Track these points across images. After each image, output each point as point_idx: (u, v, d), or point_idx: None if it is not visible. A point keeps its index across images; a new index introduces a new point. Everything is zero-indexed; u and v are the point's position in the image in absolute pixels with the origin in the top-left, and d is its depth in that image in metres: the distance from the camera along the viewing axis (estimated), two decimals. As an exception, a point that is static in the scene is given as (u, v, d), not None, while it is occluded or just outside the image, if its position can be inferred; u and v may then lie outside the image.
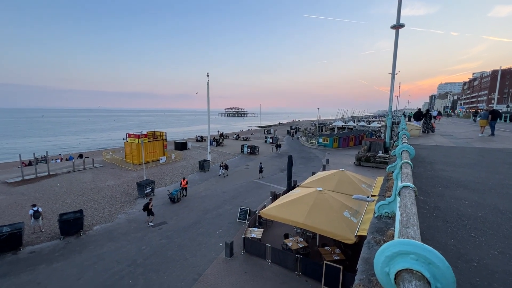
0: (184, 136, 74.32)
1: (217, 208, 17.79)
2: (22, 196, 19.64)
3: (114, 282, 10.13)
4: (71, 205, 18.01)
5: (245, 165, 31.88)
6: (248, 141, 53.91)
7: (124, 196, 19.93)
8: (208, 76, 30.50)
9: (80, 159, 33.27)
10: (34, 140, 68.80)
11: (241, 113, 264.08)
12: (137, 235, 14.07)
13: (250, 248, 11.99)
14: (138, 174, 25.76)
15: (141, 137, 29.42)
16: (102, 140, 71.58)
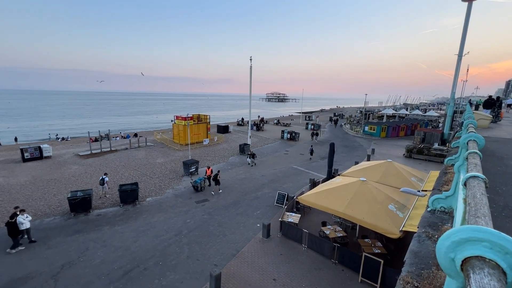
0: (226, 119, 76.67)
1: (255, 191, 18.29)
2: (90, 167, 22.82)
3: (163, 248, 11.35)
4: (128, 177, 20.35)
5: (284, 150, 31.80)
6: (289, 127, 53.30)
7: (172, 173, 21.71)
8: (251, 60, 30.47)
9: (135, 137, 36.97)
10: (100, 120, 78.42)
11: (282, 98, 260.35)
12: (182, 209, 15.36)
13: (287, 231, 12.17)
14: (184, 154, 27.67)
15: (187, 119, 31.27)
16: (153, 121, 78.15)
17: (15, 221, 10.85)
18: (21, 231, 11.05)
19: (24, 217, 11.22)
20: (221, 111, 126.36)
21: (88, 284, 9.13)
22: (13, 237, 10.82)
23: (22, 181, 19.18)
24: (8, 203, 15.50)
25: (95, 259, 10.54)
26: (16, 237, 10.87)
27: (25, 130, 55.39)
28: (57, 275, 9.55)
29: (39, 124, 65.49)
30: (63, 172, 21.48)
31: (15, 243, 10.90)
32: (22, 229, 11.07)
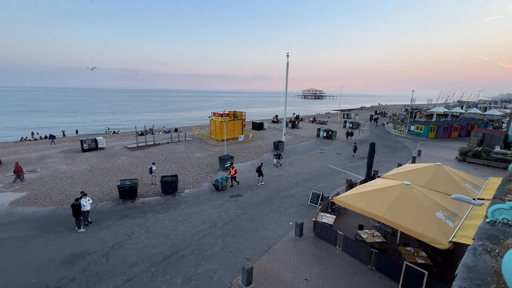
0: (261, 116, 77.11)
1: (289, 189, 18.15)
2: (136, 159, 24.91)
3: (199, 238, 11.93)
4: (169, 169, 21.74)
5: (320, 149, 30.91)
6: (325, 124, 51.62)
7: (208, 167, 22.62)
8: (288, 56, 30.07)
9: (176, 132, 39.26)
10: (145, 115, 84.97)
11: (319, 95, 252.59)
12: (218, 202, 15.94)
13: (320, 232, 11.87)
14: (220, 149, 28.59)
15: (223, 116, 32.18)
16: (192, 117, 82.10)
17: (79, 203, 12.38)
18: (82, 212, 12.56)
19: (86, 200, 12.74)
20: (256, 108, 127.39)
21: (133, 265, 10.03)
22: (76, 218, 12.36)
23: (81, 168, 21.76)
24: (70, 187, 17.75)
25: (139, 242, 11.53)
26: (78, 218, 12.40)
27: (84, 124, 62.52)
28: (108, 254, 10.67)
29: (96, 119, 73.40)
30: (114, 162, 23.81)
31: (78, 223, 12.44)
32: (83, 211, 12.58)
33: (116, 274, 9.50)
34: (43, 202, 15.43)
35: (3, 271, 9.59)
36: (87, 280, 9.18)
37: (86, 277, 9.31)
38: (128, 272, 9.65)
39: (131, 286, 8.94)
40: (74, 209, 12.25)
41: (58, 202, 15.54)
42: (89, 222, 13.04)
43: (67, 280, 9.15)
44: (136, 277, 9.39)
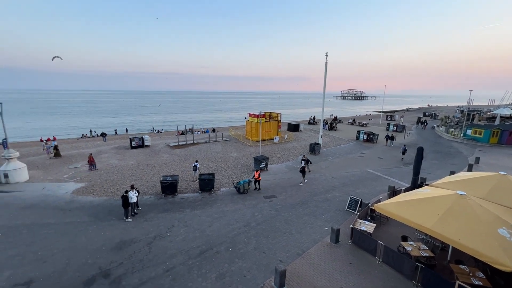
0: (297, 118, 76.05)
1: (325, 193, 17.56)
2: (177, 157, 26.47)
3: (233, 236, 12.20)
4: (206, 168, 22.67)
5: (359, 153, 29.34)
6: (366, 127, 48.88)
7: (244, 167, 23.02)
8: (327, 56, 29.16)
9: (213, 132, 40.78)
10: (186, 116, 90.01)
11: (360, 96, 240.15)
12: (252, 202, 16.12)
13: (358, 240, 11.24)
14: (255, 150, 28.90)
15: (259, 117, 32.48)
16: (229, 117, 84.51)
17: (127, 195, 13.62)
18: (130, 203, 13.78)
19: (133, 192, 13.96)
20: (292, 109, 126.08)
21: (172, 256, 10.66)
22: (125, 208, 13.61)
23: (130, 164, 23.87)
24: (120, 180, 19.58)
25: (178, 235, 12.21)
26: (126, 208, 13.64)
27: (133, 123, 68.48)
28: (151, 244, 11.51)
29: (142, 118, 79.97)
30: (157, 159, 25.64)
31: (126, 213, 13.68)
32: (131, 202, 13.80)
33: (157, 263, 10.20)
34: (98, 193, 17.29)
35: (67, 250, 10.97)
36: (132, 266, 10.02)
37: (132, 263, 10.16)
38: (168, 262, 10.28)
39: (170, 276, 9.51)
40: (123, 200, 13.48)
41: (110, 193, 17.27)
42: (135, 213, 14.23)
43: (116, 264, 10.09)
44: (174, 267, 9.96)
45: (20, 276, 9.41)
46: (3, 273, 9.51)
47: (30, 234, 12.16)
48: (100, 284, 9.05)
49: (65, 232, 12.44)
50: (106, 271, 9.70)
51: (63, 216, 13.99)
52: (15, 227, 12.73)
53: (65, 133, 51.93)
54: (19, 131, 52.53)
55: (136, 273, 9.64)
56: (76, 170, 21.75)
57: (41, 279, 9.28)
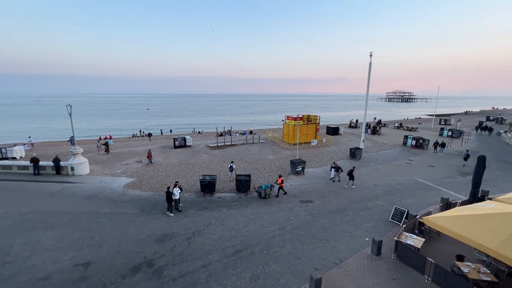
0: (336, 121, 73.20)
1: (366, 201, 16.52)
2: (216, 157, 27.48)
3: (268, 238, 12.18)
4: (243, 169, 23.09)
5: (406, 159, 27.00)
6: (414, 131, 44.87)
7: (280, 170, 22.89)
8: (371, 56, 27.53)
9: (250, 134, 41.42)
10: (224, 117, 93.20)
11: (408, 97, 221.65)
12: (287, 205, 15.92)
13: (404, 254, 10.30)
14: (292, 153, 28.55)
15: (297, 119, 32.03)
16: (266, 120, 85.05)
17: (171, 191, 14.52)
18: (173, 200, 14.67)
19: (176, 189, 14.81)
20: (331, 112, 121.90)
21: (208, 253, 11.06)
22: (168, 203, 14.56)
23: (173, 162, 25.52)
24: (164, 177, 21.04)
25: (215, 233, 12.63)
26: (169, 203, 14.57)
27: (176, 124, 73.15)
28: (190, 239, 12.10)
29: (183, 120, 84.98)
30: (197, 158, 26.95)
31: (169, 208, 14.64)
32: (174, 198, 14.70)
33: (195, 258, 10.68)
34: (145, 188, 18.82)
35: (118, 238, 12.15)
36: (173, 258, 10.65)
37: (172, 256, 10.81)
38: (205, 258, 10.70)
39: (206, 272, 9.87)
40: (167, 196, 14.44)
41: (155, 188, 18.66)
42: (179, 210, 15.08)
43: (159, 256, 10.84)
44: (211, 264, 10.32)
45: (80, 257, 10.69)
46: (68, 254, 10.91)
47: (89, 221, 13.75)
48: (145, 272, 9.80)
49: (117, 221, 13.79)
50: (150, 261, 10.48)
51: (115, 207, 15.53)
52: (78, 214, 14.53)
53: (118, 133, 57.78)
54: (81, 130, 60.03)
55: (176, 265, 10.22)
56: (127, 166, 24.00)
57: (96, 262, 10.41)
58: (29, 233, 12.45)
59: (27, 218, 13.96)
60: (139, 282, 9.31)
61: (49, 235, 12.30)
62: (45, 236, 12.25)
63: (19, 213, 14.49)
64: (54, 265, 10.16)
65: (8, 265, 10.17)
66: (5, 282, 9.26)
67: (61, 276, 9.57)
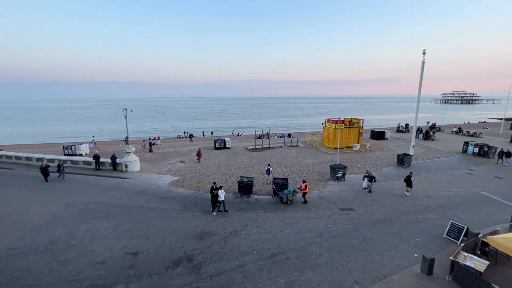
0: (382, 124, 68.33)
1: (415, 213, 15.01)
2: (253, 159, 27.83)
3: (305, 245, 11.85)
4: (280, 172, 22.94)
5: (466, 169, 23.84)
6: (478, 137, 39.47)
7: (318, 175, 22.18)
8: (424, 54, 25.07)
9: (289, 137, 41.01)
10: (262, 120, 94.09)
11: (469, 98, 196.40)
12: (326, 212, 15.31)
13: (462, 278, 9.05)
14: (332, 158, 27.43)
15: (338, 123, 30.71)
16: (305, 123, 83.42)
17: (216, 193, 14.94)
18: (219, 201, 15.06)
19: (221, 191, 15.11)
20: (377, 115, 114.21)
21: (244, 254, 11.20)
22: (213, 204, 15.07)
23: (213, 163, 26.59)
24: (204, 177, 22.02)
25: (251, 235, 12.75)
26: (214, 204, 15.07)
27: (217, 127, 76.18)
28: (227, 239, 12.43)
29: (222, 122, 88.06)
30: (236, 160, 27.62)
31: (213, 207, 15.17)
32: (220, 200, 15.09)
33: (231, 258, 10.91)
34: (187, 186, 19.94)
35: (162, 232, 13.07)
36: (210, 256, 11.05)
37: (210, 253, 11.22)
38: (241, 258, 10.86)
39: (242, 272, 10.00)
40: (212, 197, 14.92)
41: (196, 187, 19.64)
42: (225, 211, 15.38)
43: (198, 252, 11.35)
44: (246, 265, 10.43)
45: (130, 246, 11.77)
46: (120, 242, 12.10)
47: (138, 214, 15.09)
48: (185, 267, 10.35)
49: (162, 216, 14.86)
50: (189, 256, 11.04)
51: (161, 203, 16.76)
52: (129, 207, 16.05)
53: (166, 134, 62.42)
54: (134, 132, 66.34)
55: (213, 263, 10.58)
56: (172, 165, 25.76)
57: (143, 252, 11.34)
58: (90, 221, 14.16)
59: (89, 208, 15.92)
60: (179, 275, 9.86)
61: (105, 224, 13.82)
62: (103, 224, 13.79)
63: (83, 203, 16.60)
64: (109, 252, 11.37)
65: (73, 247, 11.70)
66: (71, 262, 10.66)
67: (114, 262, 10.65)
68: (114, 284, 9.37)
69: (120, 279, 9.65)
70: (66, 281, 9.56)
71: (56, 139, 55.49)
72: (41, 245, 11.84)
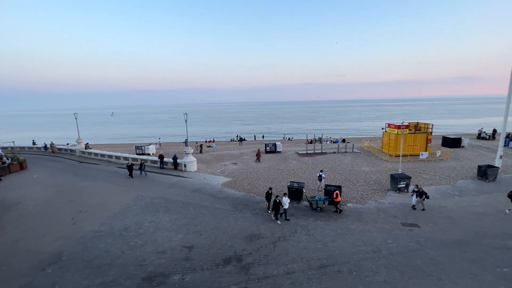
0: (457, 130, 59.13)
1: (502, 237, 12.42)
2: (304, 164, 27.17)
3: (359, 259, 10.95)
4: (333, 179, 21.82)
5: None
6: None
7: (376, 185, 20.33)
8: (518, 45, 20.72)
9: (343, 143, 38.82)
10: (315, 125, 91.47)
11: None
12: (384, 226, 13.89)
13: None
14: (393, 166, 24.87)
15: (401, 127, 27.72)
16: (362, 128, 77.90)
17: (280, 200, 14.20)
18: (283, 209, 14.40)
19: (286, 199, 14.50)
20: (450, 119, 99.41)
21: (293, 261, 10.95)
22: (276, 211, 14.29)
23: (263, 166, 26.94)
24: (255, 180, 22.44)
25: (300, 242, 12.40)
26: (277, 212, 14.22)
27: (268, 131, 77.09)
28: (275, 243, 12.37)
29: (274, 126, 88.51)
30: (286, 165, 27.40)
31: (276, 215, 14.39)
32: (284, 208, 14.39)
33: (279, 263, 10.80)
34: (238, 188, 20.63)
35: (214, 230, 13.79)
36: (259, 259, 11.14)
37: (258, 256, 11.33)
38: (289, 265, 10.65)
39: (289, 279, 9.80)
40: (274, 204, 14.17)
41: (247, 190, 20.16)
42: (287, 219, 14.59)
43: (247, 253, 11.58)
44: (294, 273, 10.17)
45: (186, 240, 12.75)
46: (178, 235, 13.22)
47: (194, 211, 16.25)
48: (234, 266, 10.68)
49: (214, 215, 15.68)
50: (239, 256, 11.34)
51: (214, 202, 17.72)
52: (187, 204, 17.43)
53: (221, 136, 66.06)
54: (191, 135, 72.02)
55: (261, 266, 10.64)
56: (225, 167, 27.05)
57: (197, 247, 12.14)
58: (154, 214, 15.87)
59: (154, 201, 17.86)
60: (229, 273, 10.22)
61: (166, 218, 15.30)
62: (164, 218, 15.30)
63: (149, 197, 18.73)
64: (168, 243, 12.52)
65: (140, 236, 13.27)
66: (138, 248, 12.10)
67: (172, 253, 11.67)
68: (172, 274, 10.25)
69: (177, 269, 10.52)
70: (134, 264, 10.89)
71: (129, 140, 64.40)
72: (117, 231, 13.78)
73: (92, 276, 10.23)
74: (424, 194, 15.70)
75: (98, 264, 10.94)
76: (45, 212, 16.71)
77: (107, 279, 10.01)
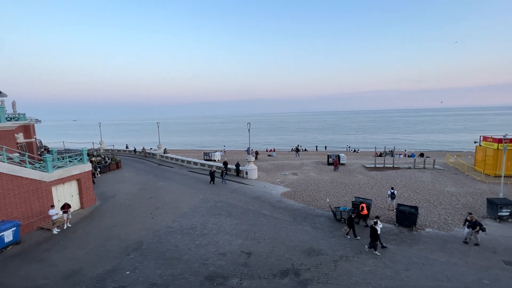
0: None
1: None
2: (372, 179, 24.75)
3: (441, 297, 9.19)
4: (407, 198, 19.16)
5: None
6: None
7: (466, 209, 16.89)
8: None
9: (420, 157, 33.86)
10: (386, 136, 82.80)
11: None
12: (478, 262, 11.31)
13: None
14: (490, 189, 20.32)
15: (503, 141, 22.51)
16: (446, 141, 66.68)
17: (375, 226, 11.98)
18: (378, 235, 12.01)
19: (378, 224, 12.20)
20: None
21: (356, 284, 9.90)
22: (373, 241, 12.04)
23: (325, 179, 25.72)
24: (316, 192, 21.57)
25: (366, 265, 11.16)
26: (375, 241, 11.98)
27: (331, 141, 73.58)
28: (337, 262, 11.44)
29: (337, 137, 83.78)
30: (351, 178, 25.48)
31: (374, 245, 12.10)
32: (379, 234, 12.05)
33: (340, 285, 9.92)
34: (297, 199, 20.18)
35: (272, 239, 13.74)
36: (318, 276, 10.52)
37: (317, 273, 10.70)
38: (352, 289, 9.72)
39: (352, 305, 8.91)
40: (371, 232, 12.09)
41: (307, 201, 19.53)
42: (383, 247, 12.51)
43: (305, 268, 11.10)
44: (358, 299, 9.21)
45: (245, 246, 13.07)
46: (237, 240, 13.69)
47: (253, 218, 16.61)
48: (292, 280, 10.35)
49: (273, 224, 15.68)
50: (296, 270, 10.96)
51: (273, 211, 17.75)
52: (246, 210, 17.97)
53: (280, 147, 66.36)
54: (252, 143, 74.41)
55: (320, 284, 10.01)
56: (285, 177, 26.92)
57: (256, 254, 12.29)
58: (217, 217, 16.89)
59: (217, 205, 19.06)
60: (285, 286, 9.96)
61: (228, 221, 16.07)
62: (226, 221, 16.11)
63: (213, 200, 20.09)
64: (228, 246, 13.08)
65: (205, 236, 14.28)
66: (203, 247, 13.03)
67: (232, 257, 12.12)
68: (231, 277, 10.61)
69: (235, 273, 10.84)
70: (198, 262, 11.75)
71: (198, 147, 71.00)
72: (185, 229, 15.20)
73: (164, 267, 11.47)
74: (478, 225, 12.61)
75: (169, 257, 12.22)
76: (132, 205, 19.78)
77: (175, 272, 11.05)
